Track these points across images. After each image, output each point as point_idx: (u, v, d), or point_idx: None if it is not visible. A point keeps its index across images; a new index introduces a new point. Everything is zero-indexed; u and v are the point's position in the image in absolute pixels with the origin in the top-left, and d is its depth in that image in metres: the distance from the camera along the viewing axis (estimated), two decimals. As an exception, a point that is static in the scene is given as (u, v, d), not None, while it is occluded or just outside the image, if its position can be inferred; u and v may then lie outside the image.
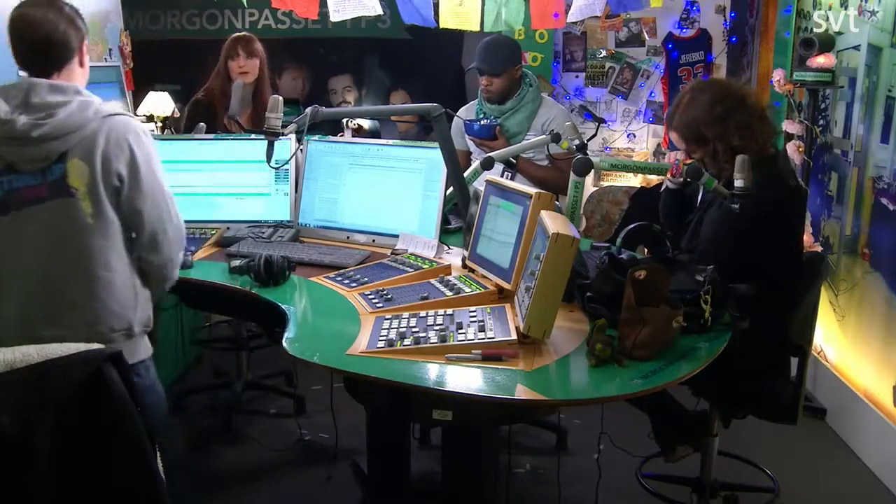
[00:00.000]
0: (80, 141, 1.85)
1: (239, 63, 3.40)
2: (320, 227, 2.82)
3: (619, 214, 4.50)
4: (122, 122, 1.91)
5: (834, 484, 3.11)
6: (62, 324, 1.88)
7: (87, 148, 1.85)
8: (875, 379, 3.24)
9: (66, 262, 1.88)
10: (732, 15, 4.92)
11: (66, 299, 1.89)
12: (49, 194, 1.85)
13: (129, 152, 1.89)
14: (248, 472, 3.13)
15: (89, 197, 1.86)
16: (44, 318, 1.88)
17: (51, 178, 1.85)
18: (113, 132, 1.88)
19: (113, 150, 1.87)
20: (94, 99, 1.91)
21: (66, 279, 1.89)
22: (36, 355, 1.35)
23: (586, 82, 5.16)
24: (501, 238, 2.18)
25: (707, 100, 2.42)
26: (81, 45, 1.96)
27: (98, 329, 1.91)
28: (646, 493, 2.86)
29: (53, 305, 1.89)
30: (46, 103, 1.84)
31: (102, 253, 1.90)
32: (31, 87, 1.86)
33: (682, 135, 2.47)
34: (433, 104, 2.63)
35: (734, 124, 2.38)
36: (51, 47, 1.90)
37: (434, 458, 3.05)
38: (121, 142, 1.88)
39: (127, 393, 1.41)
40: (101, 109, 1.90)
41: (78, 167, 1.85)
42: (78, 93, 1.90)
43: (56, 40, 1.90)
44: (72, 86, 1.91)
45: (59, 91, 1.88)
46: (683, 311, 1.87)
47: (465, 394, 1.65)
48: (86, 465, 1.40)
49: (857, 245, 3.46)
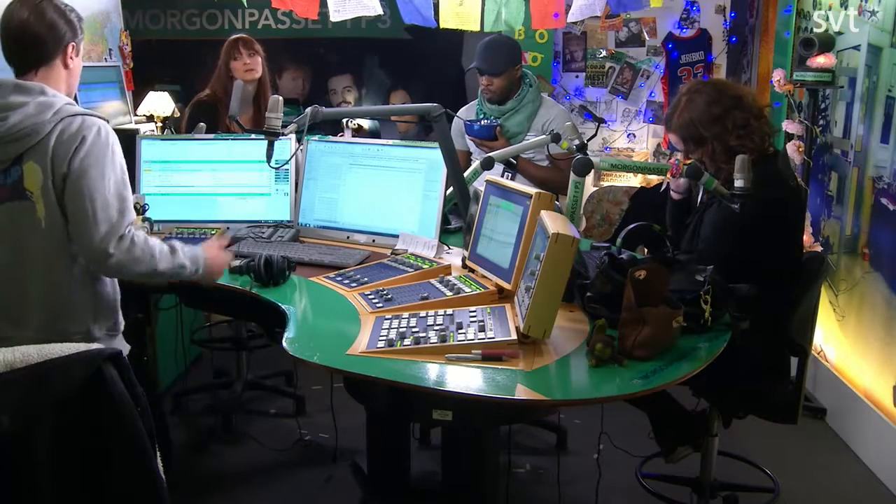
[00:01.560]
0: (35, 144, 1.84)
1: (244, 62, 3.39)
2: (320, 227, 2.82)
3: (619, 214, 4.49)
4: (79, 121, 1.87)
5: (834, 484, 3.11)
6: (21, 323, 1.90)
7: (40, 151, 1.84)
8: (875, 379, 3.24)
9: (23, 263, 1.89)
10: (732, 15, 4.92)
11: (24, 299, 1.90)
12: (8, 196, 1.86)
13: (74, 150, 1.84)
14: (248, 472, 3.13)
15: (43, 200, 1.85)
16: (5, 318, 1.90)
17: (9, 180, 1.86)
18: (66, 132, 1.85)
19: (61, 149, 1.84)
20: (58, 100, 1.88)
21: (24, 280, 1.89)
22: (36, 355, 1.35)
23: (586, 82, 5.16)
24: (501, 238, 2.18)
25: (704, 100, 2.42)
26: (66, 47, 1.93)
27: (56, 329, 1.90)
28: (646, 493, 2.86)
29: (13, 305, 1.90)
30: (7, 104, 1.83)
31: (56, 255, 1.89)
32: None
33: (681, 136, 2.47)
34: (433, 104, 2.63)
35: (731, 124, 2.39)
36: (26, 47, 1.89)
37: (434, 458, 3.05)
38: (70, 140, 1.85)
39: (127, 393, 1.41)
40: (62, 110, 1.87)
41: (33, 170, 1.84)
42: (42, 93, 1.86)
43: (30, 41, 1.88)
44: (37, 86, 1.88)
45: (22, 91, 1.86)
46: (683, 311, 1.87)
47: (465, 394, 1.65)
48: (85, 465, 1.40)
49: (857, 245, 3.46)
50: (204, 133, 3.07)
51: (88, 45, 3.94)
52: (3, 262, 1.89)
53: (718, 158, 2.40)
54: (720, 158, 2.40)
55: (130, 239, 1.90)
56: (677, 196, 2.62)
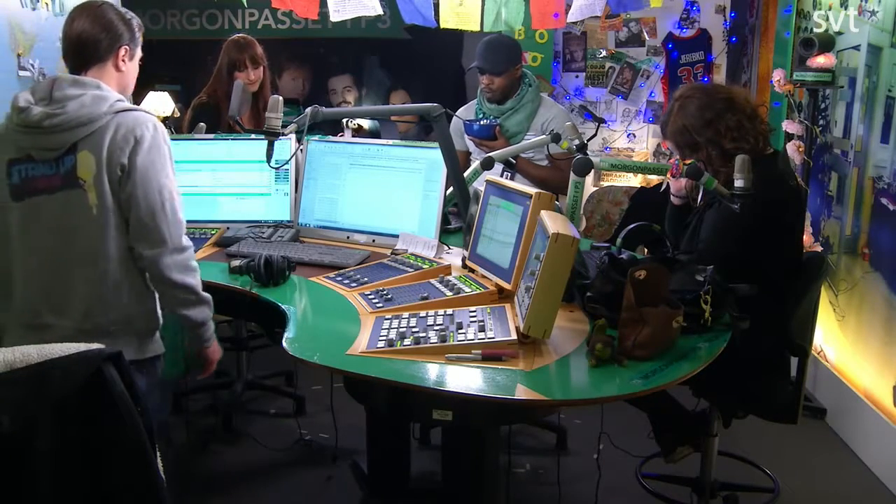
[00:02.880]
0: (90, 134, 1.89)
1: (248, 76, 3.38)
2: (320, 227, 2.82)
3: (619, 214, 4.49)
4: (133, 117, 1.93)
5: (834, 484, 3.11)
6: (63, 311, 1.93)
7: (95, 141, 1.89)
8: (875, 379, 3.24)
9: (71, 251, 1.92)
10: (732, 15, 4.91)
11: (69, 288, 1.93)
12: (61, 184, 1.91)
13: (133, 145, 1.90)
14: (248, 472, 3.13)
15: (95, 189, 1.90)
16: (47, 304, 1.94)
17: (63, 168, 1.91)
18: (122, 126, 1.90)
19: (119, 143, 1.89)
20: (112, 95, 1.95)
21: (71, 268, 1.93)
22: (36, 355, 1.35)
23: (586, 82, 5.16)
24: (501, 238, 2.18)
25: (695, 106, 2.43)
26: (118, 49, 2.00)
27: (96, 320, 1.93)
28: (646, 493, 2.86)
29: (57, 293, 1.94)
30: (64, 96, 1.90)
31: (103, 246, 1.92)
32: (55, 82, 1.93)
33: (675, 142, 2.49)
34: (433, 104, 2.63)
35: (724, 127, 2.39)
36: (80, 47, 1.97)
37: (434, 458, 3.05)
38: (127, 135, 1.90)
39: (127, 393, 1.41)
40: (116, 105, 1.93)
41: (86, 159, 1.89)
42: (97, 88, 1.93)
43: (84, 41, 1.97)
44: (93, 81, 1.95)
45: (79, 85, 1.93)
46: (683, 311, 1.87)
47: (465, 394, 1.65)
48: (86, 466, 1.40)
49: (857, 245, 3.46)
50: (204, 133, 3.07)
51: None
52: (51, 249, 1.93)
53: (715, 162, 2.40)
54: (716, 162, 2.40)
55: (192, 251, 2.00)
56: (677, 201, 2.62)
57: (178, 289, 1.98)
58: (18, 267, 1.96)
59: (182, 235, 1.97)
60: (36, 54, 3.46)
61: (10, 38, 3.30)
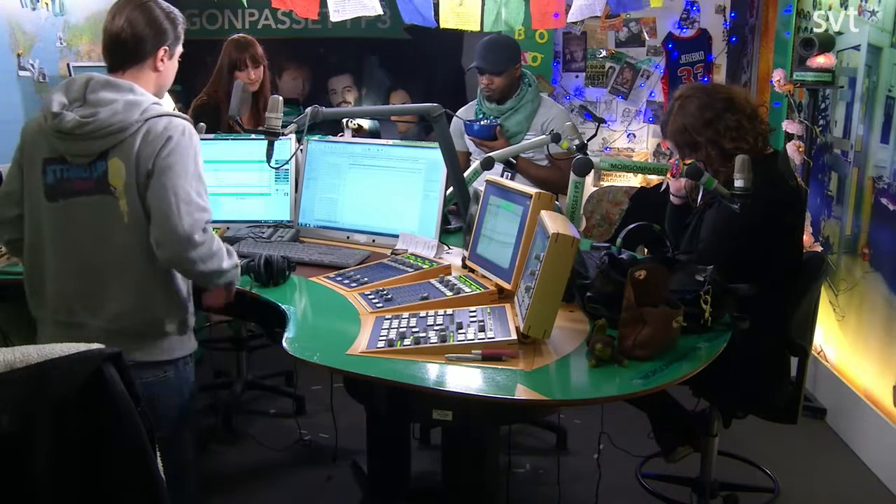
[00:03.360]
0: (121, 141, 1.89)
1: (249, 75, 3.39)
2: (320, 227, 2.82)
3: (619, 214, 4.49)
4: (165, 121, 1.92)
5: (834, 484, 3.11)
6: (97, 313, 1.95)
7: (125, 148, 1.89)
8: (875, 379, 3.24)
9: (103, 254, 1.94)
10: (732, 15, 4.91)
11: (103, 291, 1.95)
12: (94, 189, 1.92)
13: (158, 150, 1.90)
14: (248, 472, 3.13)
15: (125, 196, 1.90)
16: (81, 304, 1.96)
17: (95, 174, 1.91)
18: (151, 133, 1.90)
19: (147, 149, 1.89)
20: (146, 99, 1.93)
21: (103, 272, 1.94)
22: (36, 355, 1.35)
23: (586, 82, 5.16)
24: (501, 238, 2.18)
25: (695, 105, 2.43)
26: (158, 50, 1.99)
27: (126, 322, 1.95)
28: (646, 493, 2.87)
29: (90, 295, 1.95)
30: (98, 100, 1.89)
31: (135, 250, 1.93)
32: (89, 82, 1.92)
33: (675, 142, 2.49)
34: (433, 104, 2.63)
35: (724, 127, 2.39)
36: (118, 47, 1.96)
37: (434, 458, 3.05)
38: (155, 141, 1.90)
39: (127, 393, 1.41)
40: (149, 110, 1.92)
41: (117, 166, 1.90)
42: (132, 91, 1.92)
43: (125, 41, 1.95)
44: (126, 84, 1.93)
45: (112, 88, 1.92)
46: (683, 311, 1.87)
47: (465, 394, 1.65)
48: (85, 466, 1.40)
49: (857, 245, 3.46)
50: (204, 133, 3.07)
51: (88, 44, 3.95)
52: (85, 252, 1.94)
53: (715, 162, 2.40)
54: (716, 162, 2.40)
55: (210, 233, 1.95)
56: (677, 200, 2.62)
57: (204, 278, 1.99)
58: (51, 266, 1.98)
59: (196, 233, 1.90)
60: (36, 54, 3.47)
61: (10, 38, 3.30)
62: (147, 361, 1.97)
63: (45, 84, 3.52)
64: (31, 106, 3.44)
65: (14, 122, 3.33)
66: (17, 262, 2.47)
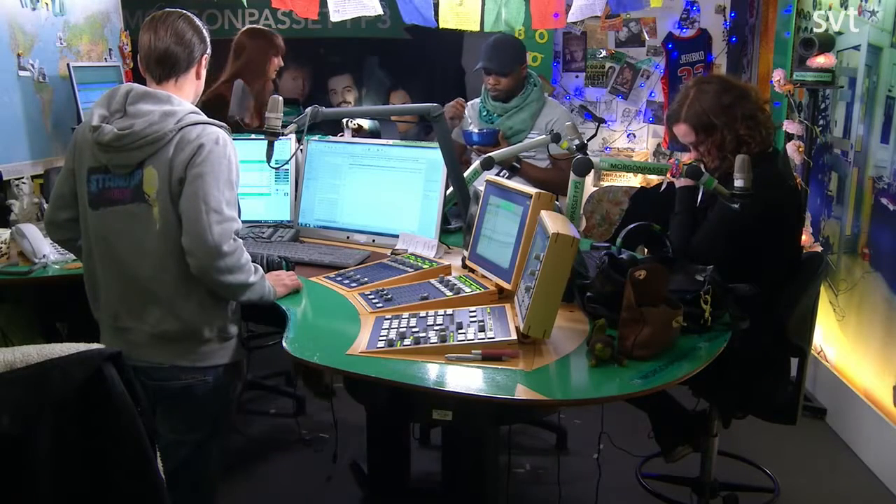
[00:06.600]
0: (156, 150, 1.92)
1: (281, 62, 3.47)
2: (320, 227, 2.83)
3: (619, 214, 4.49)
4: (199, 129, 1.94)
5: (834, 484, 3.11)
6: (140, 317, 1.99)
7: (160, 157, 1.92)
8: (875, 379, 3.24)
9: (140, 261, 1.96)
10: (732, 15, 4.91)
11: (144, 295, 1.98)
12: (131, 197, 1.95)
13: (191, 157, 1.91)
14: (248, 472, 3.13)
15: (158, 203, 1.93)
16: (126, 309, 2.00)
17: (132, 182, 1.95)
18: (184, 140, 1.92)
19: (180, 156, 1.91)
20: (181, 108, 1.96)
21: (142, 277, 1.97)
22: (36, 355, 1.35)
23: (586, 82, 5.16)
24: (501, 238, 2.18)
25: (715, 90, 2.47)
26: (201, 58, 2.05)
27: (165, 327, 1.98)
28: (646, 493, 2.86)
29: (132, 300, 2.00)
30: (136, 111, 1.93)
31: (169, 257, 1.95)
32: (129, 93, 1.96)
33: (692, 125, 2.48)
34: (433, 104, 2.63)
35: (741, 113, 2.42)
36: (166, 61, 1.99)
37: (434, 458, 3.05)
38: (188, 149, 1.92)
39: (127, 393, 1.41)
40: (184, 119, 1.94)
41: (151, 175, 1.93)
42: (168, 102, 1.95)
43: (172, 55, 1.99)
44: (164, 94, 1.96)
45: (150, 99, 1.95)
46: (683, 311, 1.87)
47: (465, 394, 1.65)
48: (85, 466, 1.40)
49: (857, 245, 3.46)
50: None
51: (88, 44, 3.94)
52: (126, 259, 1.98)
53: (727, 146, 2.42)
54: (729, 146, 2.42)
55: (240, 245, 1.97)
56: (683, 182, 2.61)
57: (229, 291, 1.99)
58: (99, 272, 2.03)
59: (225, 243, 1.90)
60: (36, 54, 3.46)
61: (10, 38, 3.30)
62: (188, 367, 2.00)
63: (44, 84, 3.52)
64: (32, 106, 3.43)
65: (14, 122, 3.33)
66: (17, 262, 2.49)
